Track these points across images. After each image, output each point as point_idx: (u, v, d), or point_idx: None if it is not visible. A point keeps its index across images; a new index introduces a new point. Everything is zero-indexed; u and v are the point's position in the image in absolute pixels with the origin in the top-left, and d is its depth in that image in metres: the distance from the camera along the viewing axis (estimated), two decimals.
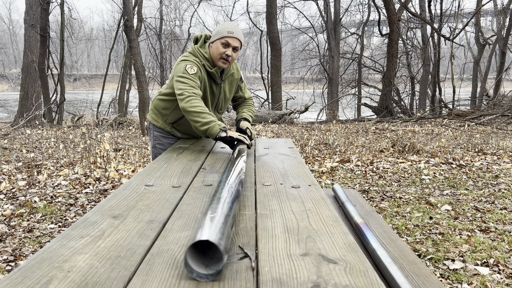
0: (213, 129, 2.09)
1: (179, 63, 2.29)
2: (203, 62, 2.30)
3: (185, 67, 2.24)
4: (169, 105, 2.46)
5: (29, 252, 2.70)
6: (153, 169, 1.73)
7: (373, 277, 0.80)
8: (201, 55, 2.32)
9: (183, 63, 2.26)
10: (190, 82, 2.18)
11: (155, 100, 2.56)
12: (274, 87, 12.58)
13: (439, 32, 12.59)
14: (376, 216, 2.10)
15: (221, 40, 2.27)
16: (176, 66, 2.31)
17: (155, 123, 2.54)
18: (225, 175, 1.30)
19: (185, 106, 2.12)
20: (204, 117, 2.09)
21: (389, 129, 8.79)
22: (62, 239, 0.96)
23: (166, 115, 2.50)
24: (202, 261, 0.83)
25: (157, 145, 2.55)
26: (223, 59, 2.28)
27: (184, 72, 2.22)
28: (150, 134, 2.63)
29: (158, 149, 2.54)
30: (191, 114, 2.11)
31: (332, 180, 4.56)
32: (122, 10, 12.28)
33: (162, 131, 2.54)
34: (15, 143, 6.95)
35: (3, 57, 47.85)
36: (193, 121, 2.12)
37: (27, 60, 10.70)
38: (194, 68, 2.24)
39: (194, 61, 2.27)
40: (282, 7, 18.30)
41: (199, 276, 0.79)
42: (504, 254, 2.58)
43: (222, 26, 2.32)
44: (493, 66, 18.08)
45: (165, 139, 2.56)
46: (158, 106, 2.52)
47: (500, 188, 4.12)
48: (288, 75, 31.47)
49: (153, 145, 2.57)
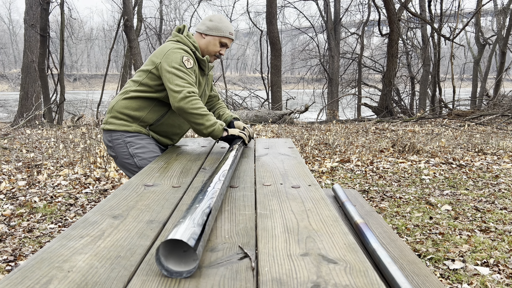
0: (217, 131, 2.02)
1: (173, 51, 2.01)
2: (194, 51, 2.15)
3: (182, 59, 2.00)
4: (146, 104, 2.10)
5: (29, 252, 2.70)
6: (153, 169, 1.73)
7: (373, 277, 0.80)
8: (191, 44, 2.14)
9: (178, 52, 2.02)
10: (189, 78, 1.98)
11: (121, 101, 2.11)
12: (274, 87, 12.58)
13: (439, 32, 12.59)
14: (376, 216, 2.10)
15: (221, 39, 2.16)
16: (167, 54, 2.01)
17: (124, 129, 2.09)
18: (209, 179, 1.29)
19: (185, 107, 1.92)
20: (208, 119, 1.98)
21: (389, 129, 8.79)
22: (62, 239, 0.96)
23: (140, 117, 2.11)
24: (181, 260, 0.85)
25: (136, 151, 2.10)
26: (215, 56, 2.22)
27: (181, 65, 1.99)
28: (116, 146, 2.12)
29: (139, 157, 2.10)
30: (193, 116, 1.95)
31: (332, 180, 4.55)
32: (122, 10, 12.29)
33: (137, 134, 2.12)
34: (15, 143, 6.95)
35: (3, 57, 47.86)
36: (195, 123, 1.97)
37: (27, 60, 10.70)
38: (191, 61, 2.04)
39: (189, 52, 2.09)
40: (282, 7, 18.30)
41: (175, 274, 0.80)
42: (504, 254, 2.58)
43: (221, 22, 2.16)
44: (493, 66, 18.08)
45: (143, 140, 2.14)
46: (128, 107, 2.10)
47: (500, 188, 4.12)
48: (288, 75, 31.48)
49: (131, 154, 2.10)
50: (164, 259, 0.81)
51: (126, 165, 2.14)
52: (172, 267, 0.81)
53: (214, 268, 0.83)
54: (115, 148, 2.13)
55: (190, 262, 0.83)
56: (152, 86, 2.07)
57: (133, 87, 2.11)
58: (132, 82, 2.15)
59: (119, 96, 2.14)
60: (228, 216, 1.15)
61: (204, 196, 1.08)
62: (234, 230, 1.05)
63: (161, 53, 2.04)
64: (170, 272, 0.80)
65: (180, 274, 0.80)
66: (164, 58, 2.00)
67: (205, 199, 1.05)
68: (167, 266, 0.81)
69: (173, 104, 1.95)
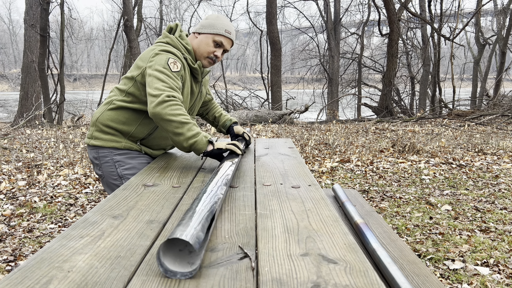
0: (200, 144, 1.67)
1: (158, 53, 1.77)
2: (186, 56, 1.87)
3: (167, 61, 1.74)
4: (134, 117, 1.84)
5: (29, 252, 2.70)
6: (153, 169, 1.73)
7: (373, 277, 0.80)
8: (182, 47, 1.88)
9: (164, 55, 1.76)
10: (171, 83, 1.70)
11: (106, 113, 1.85)
12: (274, 87, 12.58)
13: (439, 32, 12.59)
14: (376, 216, 2.10)
15: (214, 37, 1.87)
16: (152, 57, 1.77)
17: (113, 145, 1.85)
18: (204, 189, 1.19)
19: (162, 113, 1.62)
20: (190, 128, 1.65)
21: (389, 129, 8.79)
22: (62, 239, 0.96)
23: (129, 132, 1.86)
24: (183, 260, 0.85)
25: (126, 172, 1.85)
26: (209, 58, 1.91)
27: (166, 67, 1.72)
28: (104, 164, 1.87)
29: (128, 178, 1.84)
30: (171, 124, 1.63)
31: (332, 180, 4.55)
32: (122, 10, 12.28)
33: (128, 152, 1.88)
34: (15, 143, 6.95)
35: (3, 57, 47.88)
36: (173, 133, 1.64)
37: (27, 60, 10.70)
38: (178, 64, 1.77)
39: (178, 55, 1.82)
40: (282, 7, 18.30)
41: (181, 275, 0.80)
42: (504, 254, 2.58)
43: (217, 19, 1.91)
44: (493, 66, 18.08)
45: (134, 159, 1.88)
46: (114, 120, 1.84)
47: (500, 188, 4.12)
48: (288, 75, 31.47)
49: (120, 175, 1.86)
50: (166, 261, 0.81)
51: (113, 187, 1.88)
52: (171, 266, 0.81)
53: (214, 268, 0.83)
54: (103, 166, 1.88)
55: (185, 265, 0.83)
56: (139, 96, 1.82)
57: (119, 96, 1.86)
58: (118, 90, 1.88)
59: (104, 107, 1.88)
60: (228, 216, 1.15)
61: (207, 198, 1.07)
62: (234, 230, 1.05)
63: (147, 57, 1.80)
64: (172, 272, 0.80)
65: (176, 274, 0.80)
66: (148, 62, 1.76)
67: (208, 202, 1.05)
68: (170, 267, 0.80)
69: (149, 109, 1.66)
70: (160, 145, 1.98)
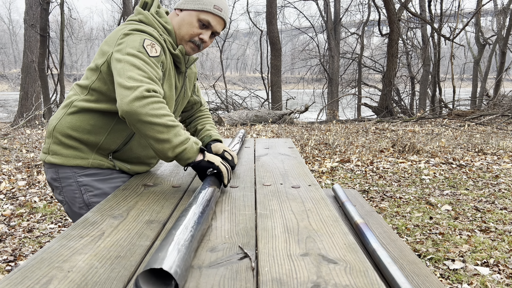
0: (189, 152, 1.30)
1: (129, 33, 1.33)
2: (165, 37, 1.42)
3: (143, 43, 1.30)
4: (102, 122, 1.40)
5: (29, 252, 2.70)
6: (153, 169, 1.73)
7: (373, 277, 0.80)
8: (160, 26, 1.43)
9: (137, 35, 1.32)
10: (150, 71, 1.27)
11: (65, 119, 1.41)
12: (274, 87, 12.59)
13: (439, 32, 12.59)
14: (376, 216, 2.10)
15: (200, 14, 1.41)
16: (120, 39, 1.33)
17: (77, 163, 1.41)
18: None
19: (141, 113, 1.20)
20: (177, 133, 1.26)
21: (389, 129, 8.79)
22: (62, 239, 0.96)
23: (98, 143, 1.42)
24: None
25: (95, 199, 1.42)
26: (192, 43, 1.45)
27: (141, 51, 1.29)
28: (66, 188, 1.43)
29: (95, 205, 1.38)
30: (151, 127, 1.22)
31: (332, 180, 4.55)
32: (122, 10, 12.29)
33: (97, 172, 1.44)
34: (15, 143, 6.95)
35: (3, 57, 47.86)
36: (155, 140, 1.24)
37: (27, 60, 10.70)
38: (157, 48, 1.34)
39: (155, 36, 1.37)
40: (282, 7, 18.32)
41: None
42: (504, 254, 2.58)
43: None
44: (493, 66, 18.08)
45: (105, 182, 1.45)
46: (76, 128, 1.40)
47: (500, 188, 4.12)
48: (288, 75, 31.48)
49: (87, 203, 1.42)
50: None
51: (77, 216, 1.43)
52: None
53: (214, 268, 0.83)
54: (64, 190, 1.43)
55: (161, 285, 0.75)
56: (107, 93, 1.37)
57: (80, 95, 1.41)
58: (79, 87, 1.43)
59: (62, 111, 1.43)
60: (228, 216, 1.15)
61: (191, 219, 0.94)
62: (234, 230, 1.05)
63: (114, 38, 1.35)
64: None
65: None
66: (116, 46, 1.32)
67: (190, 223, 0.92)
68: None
69: (120, 106, 1.22)
70: (140, 157, 1.53)
